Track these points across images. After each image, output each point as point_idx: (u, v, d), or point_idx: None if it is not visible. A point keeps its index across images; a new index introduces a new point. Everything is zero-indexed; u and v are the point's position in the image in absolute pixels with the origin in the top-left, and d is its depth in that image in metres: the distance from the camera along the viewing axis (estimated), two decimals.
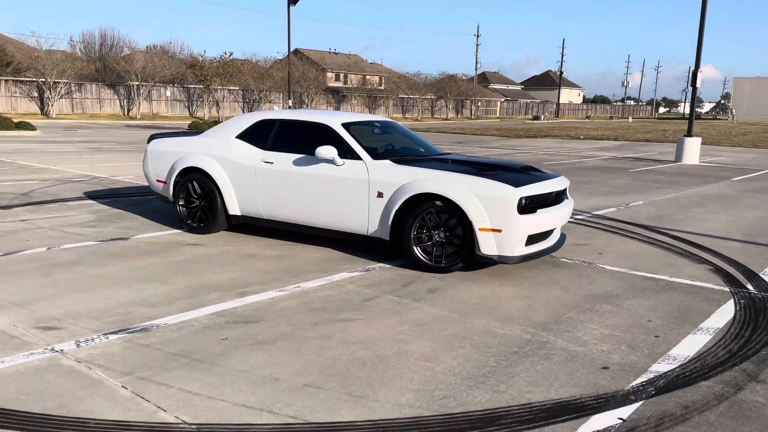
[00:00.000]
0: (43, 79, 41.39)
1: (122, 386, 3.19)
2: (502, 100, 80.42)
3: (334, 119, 6.34)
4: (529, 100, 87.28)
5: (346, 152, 6.00)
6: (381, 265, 5.79)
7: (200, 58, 39.84)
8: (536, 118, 72.86)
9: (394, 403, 3.08)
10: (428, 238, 5.53)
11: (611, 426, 2.91)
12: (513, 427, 2.88)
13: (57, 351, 3.62)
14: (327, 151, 5.87)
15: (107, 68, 48.87)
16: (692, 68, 20.88)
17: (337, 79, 69.06)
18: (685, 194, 11.66)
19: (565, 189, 6.13)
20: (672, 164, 18.50)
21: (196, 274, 5.31)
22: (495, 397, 3.18)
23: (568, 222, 8.28)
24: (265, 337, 3.93)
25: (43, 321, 4.10)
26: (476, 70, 74.70)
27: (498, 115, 77.79)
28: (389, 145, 6.56)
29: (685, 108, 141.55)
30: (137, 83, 46.90)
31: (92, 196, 9.59)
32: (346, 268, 5.66)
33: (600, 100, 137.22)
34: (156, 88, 49.57)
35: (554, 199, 5.84)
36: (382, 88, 66.49)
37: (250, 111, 56.07)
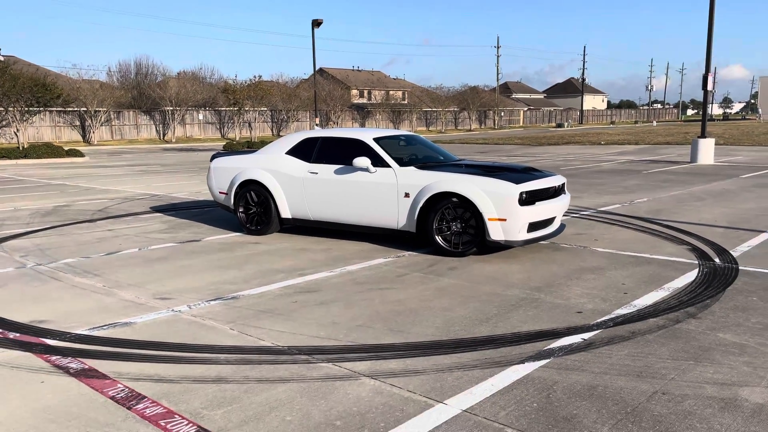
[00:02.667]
0: (84, 109, 43.87)
1: (230, 329, 4.53)
2: (525, 109, 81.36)
3: (367, 135, 7.68)
4: (552, 108, 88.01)
5: (378, 162, 7.32)
6: (410, 252, 7.07)
7: (232, 83, 41.86)
8: (560, 125, 73.60)
9: (421, 334, 4.35)
10: (447, 229, 6.80)
11: (575, 342, 4.14)
12: (505, 344, 4.13)
13: (176, 311, 4.98)
14: (362, 161, 7.20)
15: (143, 95, 51.33)
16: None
17: (361, 95, 70.85)
18: (689, 191, 12.69)
19: (563, 185, 7.34)
20: (686, 165, 19.41)
21: (263, 263, 6.66)
22: (493, 330, 4.43)
23: (572, 216, 9.47)
24: (323, 300, 5.24)
25: (158, 294, 5.48)
26: (497, 80, 75.90)
27: (521, 124, 78.76)
28: (413, 154, 7.86)
29: (713, 109, 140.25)
30: (171, 108, 49.17)
31: (158, 210, 11.08)
32: (381, 255, 6.96)
33: (626, 105, 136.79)
34: (189, 113, 51.82)
35: (552, 193, 7.06)
36: (406, 102, 68.01)
37: (279, 130, 58.01)
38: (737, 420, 3.05)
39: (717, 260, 6.51)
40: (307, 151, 7.97)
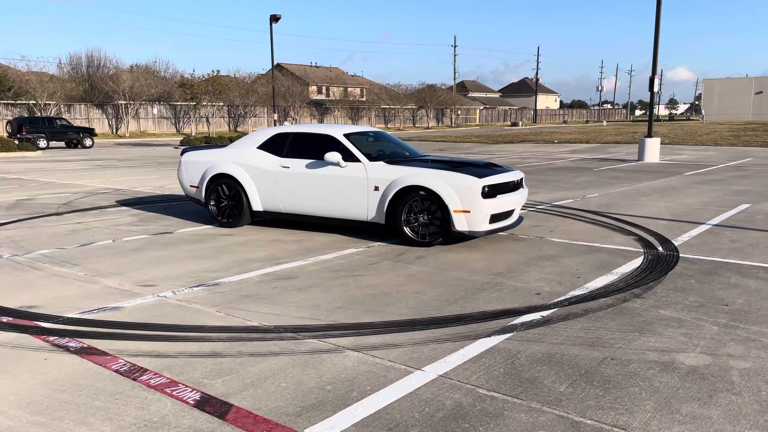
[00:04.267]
0: (34, 102, 42.71)
1: (216, 311, 4.82)
2: (481, 107, 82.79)
3: (338, 131, 8.02)
4: (507, 107, 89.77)
5: (348, 157, 7.68)
6: (379, 243, 7.46)
7: (189, 77, 41.45)
8: (515, 124, 75.19)
9: (396, 314, 4.75)
10: (415, 220, 7.21)
11: (534, 319, 4.60)
12: (472, 321, 4.56)
13: (162, 297, 5.23)
14: (333, 156, 7.54)
15: (95, 88, 50.22)
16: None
17: (320, 92, 70.84)
18: (636, 187, 13.46)
19: (521, 180, 7.84)
20: (633, 163, 20.35)
21: (238, 253, 6.94)
22: (462, 309, 4.86)
23: (529, 210, 10.02)
24: (302, 285, 5.58)
25: (141, 282, 5.72)
26: (455, 79, 76.99)
27: (477, 122, 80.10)
28: (381, 150, 8.25)
29: (660, 110, 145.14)
30: (125, 102, 48.28)
31: (124, 204, 11.16)
32: (352, 246, 7.33)
33: (577, 105, 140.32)
34: (143, 107, 50.96)
35: (512, 187, 7.55)
36: (364, 99, 68.35)
37: (236, 126, 57.57)
38: (674, 378, 3.54)
39: (660, 249, 7.11)
40: (278, 145, 8.26)
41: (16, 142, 27.53)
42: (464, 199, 6.89)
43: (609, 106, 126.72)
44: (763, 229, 8.34)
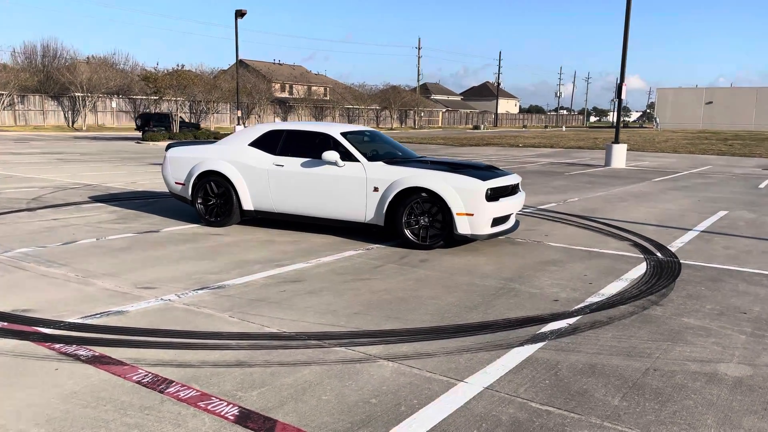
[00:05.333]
0: None
1: (229, 316, 4.56)
2: (444, 110, 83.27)
3: (334, 129, 7.80)
4: (468, 110, 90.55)
5: (346, 156, 7.47)
6: (377, 245, 7.27)
7: (154, 70, 40.30)
8: (476, 127, 75.84)
9: (419, 320, 4.57)
10: (416, 223, 7.05)
11: (562, 327, 4.49)
12: (500, 329, 4.42)
13: (166, 300, 4.93)
14: (331, 155, 7.32)
15: (50, 79, 48.46)
16: (618, 81, 23.30)
17: (283, 89, 70.05)
18: (612, 193, 13.61)
19: (518, 183, 7.77)
20: (602, 168, 20.68)
21: (234, 254, 6.65)
22: (485, 316, 4.72)
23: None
24: (312, 289, 5.35)
25: (139, 284, 5.39)
26: (419, 81, 77.23)
27: (440, 124, 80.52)
28: (376, 149, 8.05)
29: (614, 117, 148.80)
30: (82, 94, 46.71)
31: (98, 200, 10.67)
32: (351, 247, 7.11)
33: (535, 109, 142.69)
34: (101, 100, 49.42)
35: (510, 191, 7.46)
36: (328, 98, 67.90)
37: (198, 122, 56.38)
38: (723, 390, 3.47)
39: (659, 255, 7.13)
40: (271, 143, 7.99)
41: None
42: (467, 202, 6.77)
43: (565, 111, 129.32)
44: (749, 236, 8.48)
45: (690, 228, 9.03)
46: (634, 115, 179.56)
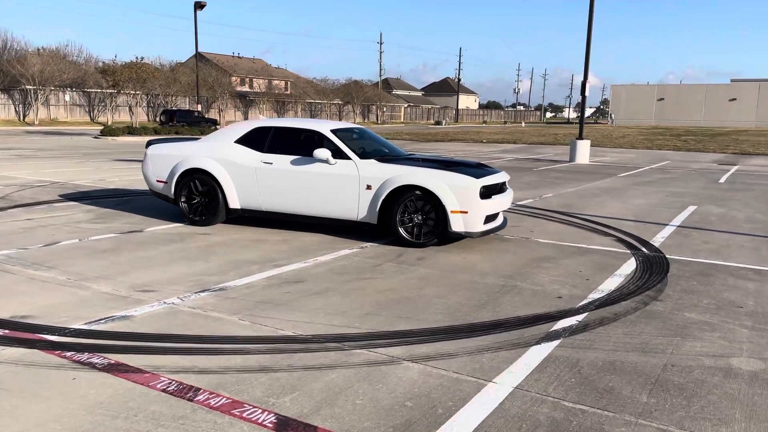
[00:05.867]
0: None
1: (240, 319, 4.47)
2: (405, 105, 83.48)
3: (324, 126, 7.72)
4: (430, 106, 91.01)
5: (337, 154, 7.40)
6: (370, 243, 7.24)
7: (112, 63, 39.16)
8: (438, 123, 76.33)
9: (431, 321, 4.57)
10: (409, 221, 7.04)
11: (572, 324, 4.55)
12: (512, 327, 4.46)
13: (169, 303, 4.80)
14: (322, 152, 7.24)
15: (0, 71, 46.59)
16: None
17: (243, 83, 69.03)
18: (583, 188, 13.88)
19: (506, 181, 7.84)
20: (567, 164, 21.05)
21: (227, 255, 6.53)
22: (495, 315, 4.75)
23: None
24: (316, 290, 5.29)
25: (137, 287, 5.24)
26: (380, 76, 77.20)
27: (402, 120, 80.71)
28: (366, 147, 8.00)
29: (570, 113, 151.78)
30: (33, 87, 45.10)
31: (70, 198, 10.32)
32: (345, 246, 7.06)
33: (493, 105, 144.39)
34: (54, 93, 47.83)
35: (500, 188, 7.53)
36: (289, 93, 67.25)
37: (156, 116, 55.15)
38: (742, 385, 3.58)
39: (645, 250, 7.30)
40: (258, 140, 7.86)
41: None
42: (462, 200, 6.80)
43: (522, 107, 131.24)
44: (724, 230, 8.76)
45: (666, 223, 9.27)
46: (588, 111, 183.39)
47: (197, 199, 8.07)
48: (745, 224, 9.36)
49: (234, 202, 7.89)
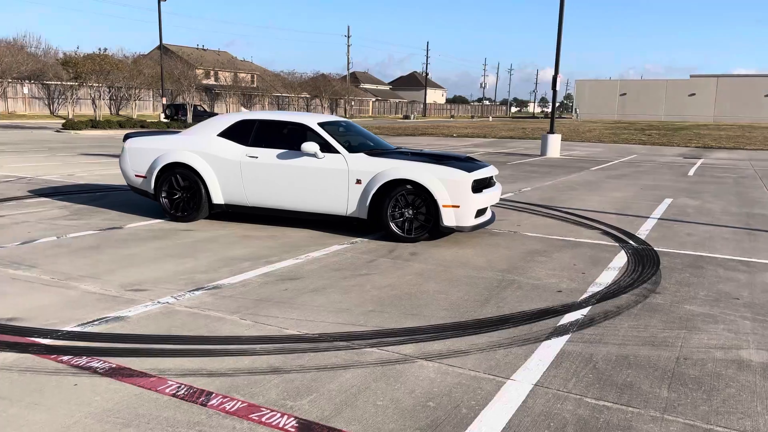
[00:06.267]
0: None
1: (241, 319, 4.32)
2: (373, 99, 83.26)
3: (311, 119, 7.56)
4: (398, 100, 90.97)
5: (325, 147, 7.25)
6: (360, 239, 7.12)
7: (74, 54, 37.98)
8: (406, 117, 76.30)
9: (437, 317, 4.49)
10: (400, 215, 6.95)
11: (579, 318, 4.52)
12: (519, 322, 4.40)
13: (164, 303, 4.62)
14: (310, 146, 7.08)
15: None
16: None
17: (208, 76, 67.87)
18: (559, 182, 13.98)
19: (494, 175, 7.80)
20: (540, 158, 21.24)
21: (215, 251, 6.34)
22: (499, 310, 4.69)
23: None
24: (314, 287, 5.15)
25: (126, 286, 5.03)
26: (348, 70, 76.74)
27: (370, 114, 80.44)
28: (353, 140, 7.87)
29: (535, 108, 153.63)
30: None
31: (40, 194, 9.94)
32: (334, 241, 6.93)
33: (459, 100, 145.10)
34: (12, 85, 46.26)
35: (488, 182, 7.49)
36: (255, 86, 66.37)
37: (118, 109, 53.82)
38: (756, 377, 3.59)
39: (633, 243, 7.35)
40: (243, 133, 7.65)
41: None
42: (453, 194, 6.73)
43: (488, 102, 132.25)
44: (703, 222, 8.89)
45: (647, 216, 9.37)
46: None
47: (178, 195, 7.83)
48: (722, 216, 9.52)
49: (218, 198, 7.68)
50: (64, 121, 33.26)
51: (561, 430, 2.91)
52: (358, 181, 7.04)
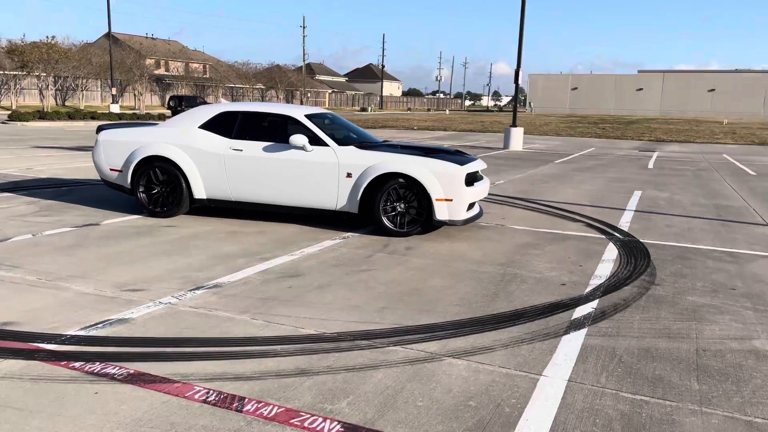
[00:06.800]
0: None
1: (252, 318, 4.16)
2: (330, 91, 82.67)
3: (298, 111, 7.38)
4: (354, 92, 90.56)
5: (313, 140, 7.09)
6: (351, 233, 7.00)
7: (21, 42, 36.29)
8: (363, 109, 76.02)
9: (450, 312, 4.43)
10: (392, 210, 6.86)
11: (590, 312, 4.54)
12: (534, 317, 4.39)
13: (165, 303, 4.41)
14: (299, 139, 6.91)
15: None
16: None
17: (159, 66, 66.06)
18: (529, 174, 14.14)
19: (481, 169, 7.79)
20: (503, 151, 21.45)
21: (206, 248, 6.12)
22: (510, 304, 4.67)
23: None
24: (318, 284, 5.02)
25: (121, 286, 4.79)
26: (304, 61, 75.91)
27: (327, 106, 79.85)
28: (339, 133, 7.72)
29: (488, 101, 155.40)
30: None
31: (2, 189, 9.44)
32: (326, 237, 6.80)
33: (414, 93, 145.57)
34: None
35: (478, 176, 7.47)
36: (208, 76, 64.97)
37: (64, 100, 51.87)
38: None
39: (618, 235, 7.46)
40: (225, 126, 7.41)
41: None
42: (447, 187, 6.68)
43: (442, 95, 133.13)
44: (677, 214, 9.11)
45: (623, 208, 9.55)
46: (505, 99, 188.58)
47: (157, 189, 7.54)
48: (693, 208, 9.78)
49: (199, 192, 7.43)
50: (9, 112, 31.80)
51: (608, 427, 2.89)
52: (349, 175, 6.91)
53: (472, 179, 7.00)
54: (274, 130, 7.26)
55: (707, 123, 54.18)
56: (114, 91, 43.31)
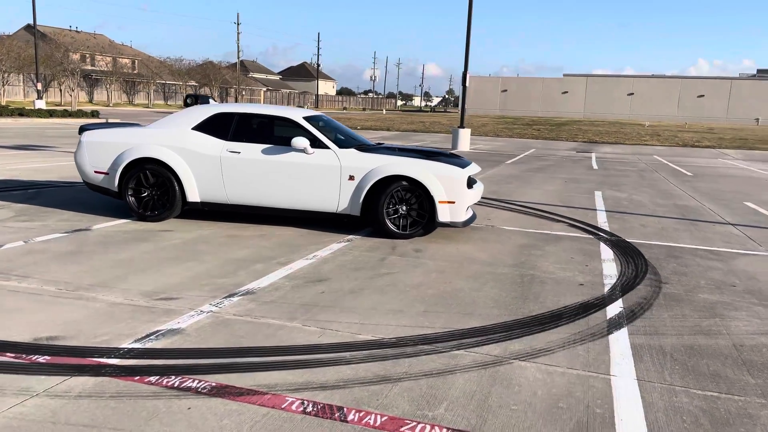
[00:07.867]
0: None
1: (303, 325, 4.10)
2: (264, 89, 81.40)
3: (297, 113, 7.29)
4: (289, 91, 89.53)
5: (313, 143, 7.03)
6: (352, 236, 6.98)
7: None
8: (300, 108, 75.18)
9: (492, 315, 4.52)
10: (395, 212, 6.89)
11: (620, 311, 4.74)
12: (572, 317, 4.54)
13: (207, 312, 4.28)
14: (301, 141, 6.84)
15: None
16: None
17: (84, 60, 63.11)
18: (488, 175, 14.47)
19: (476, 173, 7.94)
20: (453, 151, 21.84)
21: (214, 254, 5.96)
22: (542, 306, 4.81)
23: None
24: (349, 288, 5.00)
25: (150, 295, 4.61)
26: (239, 58, 74.43)
27: (262, 104, 78.43)
28: (335, 135, 7.67)
29: (420, 101, 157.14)
30: None
31: None
32: (330, 240, 6.75)
33: (347, 92, 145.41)
34: None
35: (474, 179, 7.61)
36: (138, 72, 62.67)
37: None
38: None
39: (604, 235, 7.78)
40: (221, 127, 7.23)
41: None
42: (449, 190, 6.78)
43: (372, 95, 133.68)
44: (644, 213, 9.58)
45: (594, 208, 9.95)
46: (436, 100, 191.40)
47: (147, 192, 7.26)
48: (656, 208, 10.31)
49: (193, 195, 7.22)
50: None
51: (696, 423, 3.05)
52: (351, 178, 6.89)
53: (470, 182, 7.13)
54: (273, 133, 7.15)
55: (631, 125, 56.90)
56: (39, 86, 41.15)
